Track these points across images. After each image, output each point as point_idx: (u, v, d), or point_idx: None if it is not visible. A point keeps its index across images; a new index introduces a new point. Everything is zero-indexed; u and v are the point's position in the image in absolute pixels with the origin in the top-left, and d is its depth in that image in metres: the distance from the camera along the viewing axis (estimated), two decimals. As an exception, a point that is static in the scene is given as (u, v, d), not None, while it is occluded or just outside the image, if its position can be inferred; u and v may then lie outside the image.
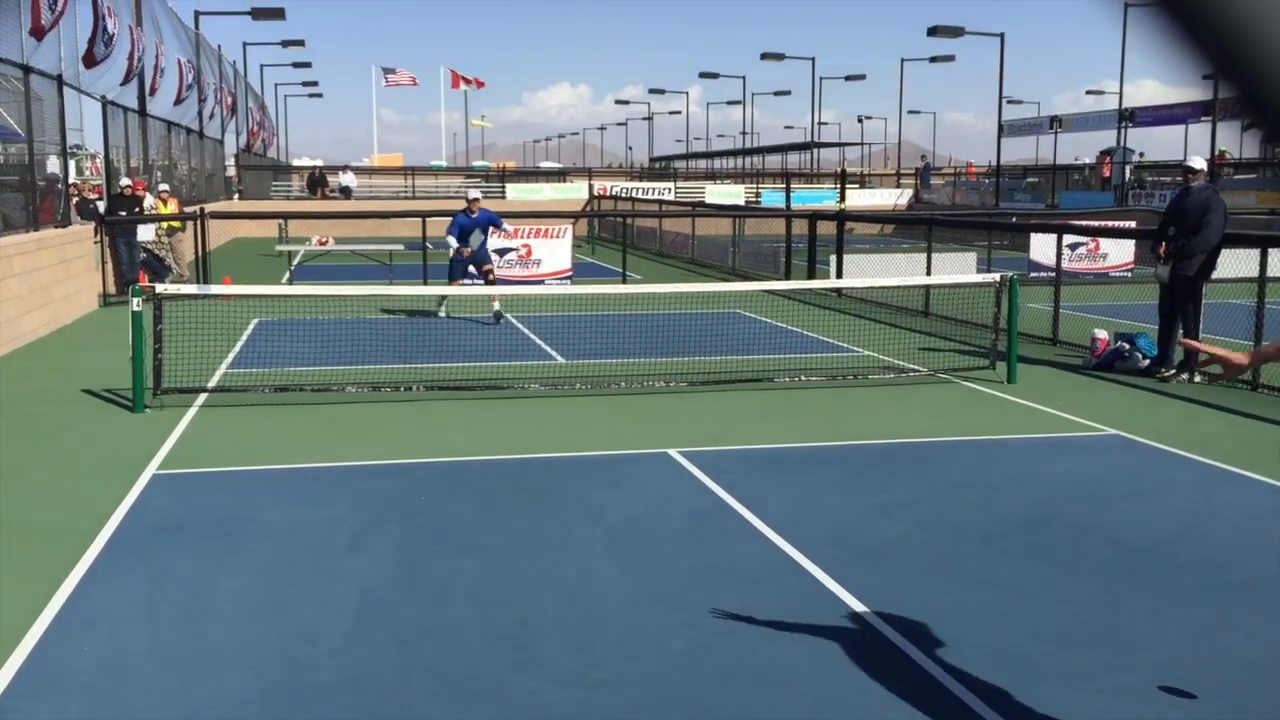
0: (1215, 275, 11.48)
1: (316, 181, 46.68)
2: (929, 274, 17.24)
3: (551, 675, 4.59)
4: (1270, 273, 11.10)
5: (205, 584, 5.61)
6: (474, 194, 15.91)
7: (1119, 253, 22.03)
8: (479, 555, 6.05)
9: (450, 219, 15.77)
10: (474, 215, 15.52)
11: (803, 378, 11.27)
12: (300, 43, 44.73)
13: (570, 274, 20.71)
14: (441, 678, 4.58)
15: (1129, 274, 21.60)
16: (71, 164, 18.06)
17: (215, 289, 12.24)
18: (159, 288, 10.32)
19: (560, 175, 56.69)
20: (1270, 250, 11.30)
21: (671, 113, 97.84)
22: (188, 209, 22.19)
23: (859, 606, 5.33)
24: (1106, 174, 39.19)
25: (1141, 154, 41.02)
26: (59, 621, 5.10)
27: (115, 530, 6.43)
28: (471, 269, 15.61)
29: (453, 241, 15.38)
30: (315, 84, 66.53)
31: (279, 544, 6.23)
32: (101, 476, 7.59)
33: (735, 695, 4.44)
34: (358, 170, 52.95)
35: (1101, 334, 12.43)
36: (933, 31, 38.23)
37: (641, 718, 4.27)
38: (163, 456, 8.14)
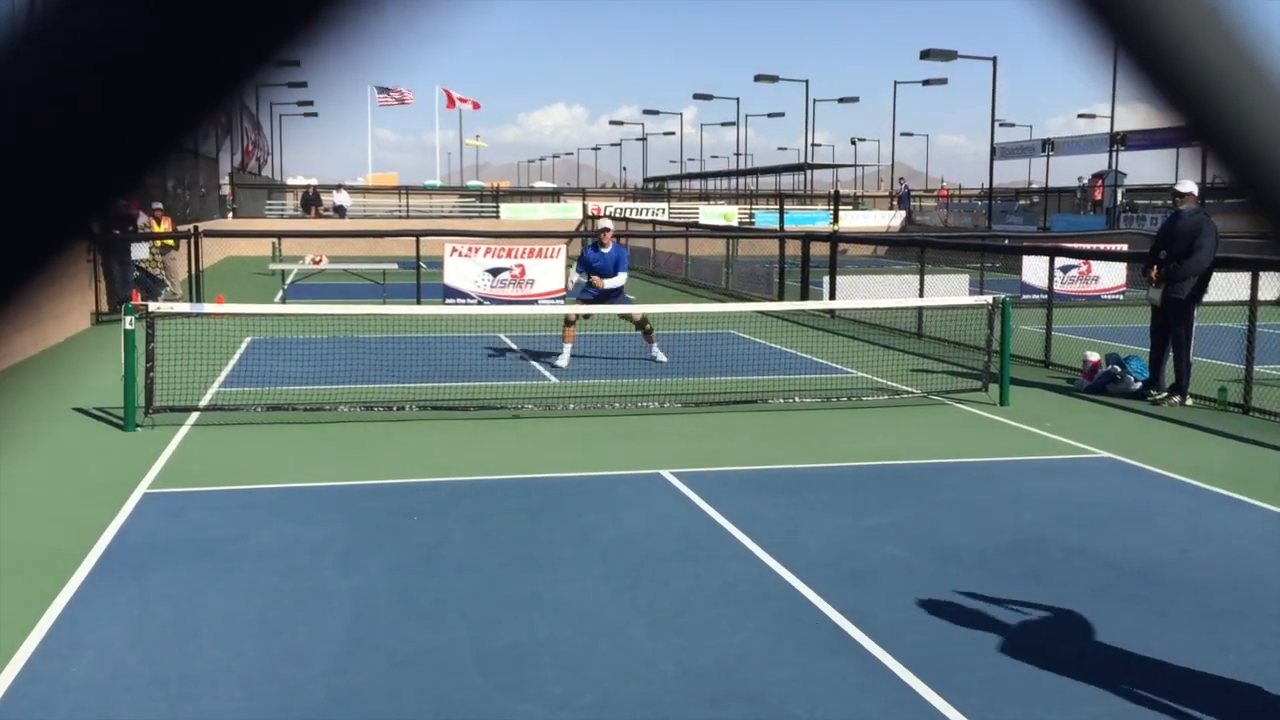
0: (1207, 299, 11.51)
1: (310, 200, 46.71)
2: (922, 296, 17.28)
3: (543, 698, 4.57)
4: (1261, 296, 11.14)
5: (196, 604, 5.59)
6: (605, 223, 13.53)
7: (1111, 275, 22.11)
8: (471, 576, 6.03)
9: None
10: (605, 250, 13.28)
11: (796, 399, 11.28)
12: (295, 62, 44.81)
13: (564, 294, 20.72)
14: (433, 700, 4.56)
15: (1121, 296, 21.67)
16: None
17: (208, 307, 12.24)
18: (151, 306, 10.30)
19: (554, 195, 56.83)
20: (1261, 274, 11.35)
21: (666, 134, 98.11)
22: (181, 228, 22.19)
23: (851, 628, 5.32)
24: (1098, 197, 39.38)
25: (1124, 175, 41.25)
26: (48, 641, 5.07)
27: (105, 550, 6.41)
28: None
29: (574, 275, 13.40)
30: (310, 103, 66.65)
31: (270, 564, 6.21)
32: (92, 495, 7.56)
33: (727, 718, 4.43)
34: (352, 189, 53.02)
35: (1094, 356, 12.46)
36: (925, 55, 38.44)
37: (633, 741, 4.26)
38: (154, 476, 8.11)
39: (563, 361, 13.26)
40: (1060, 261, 18.27)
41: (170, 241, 20.47)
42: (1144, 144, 41.52)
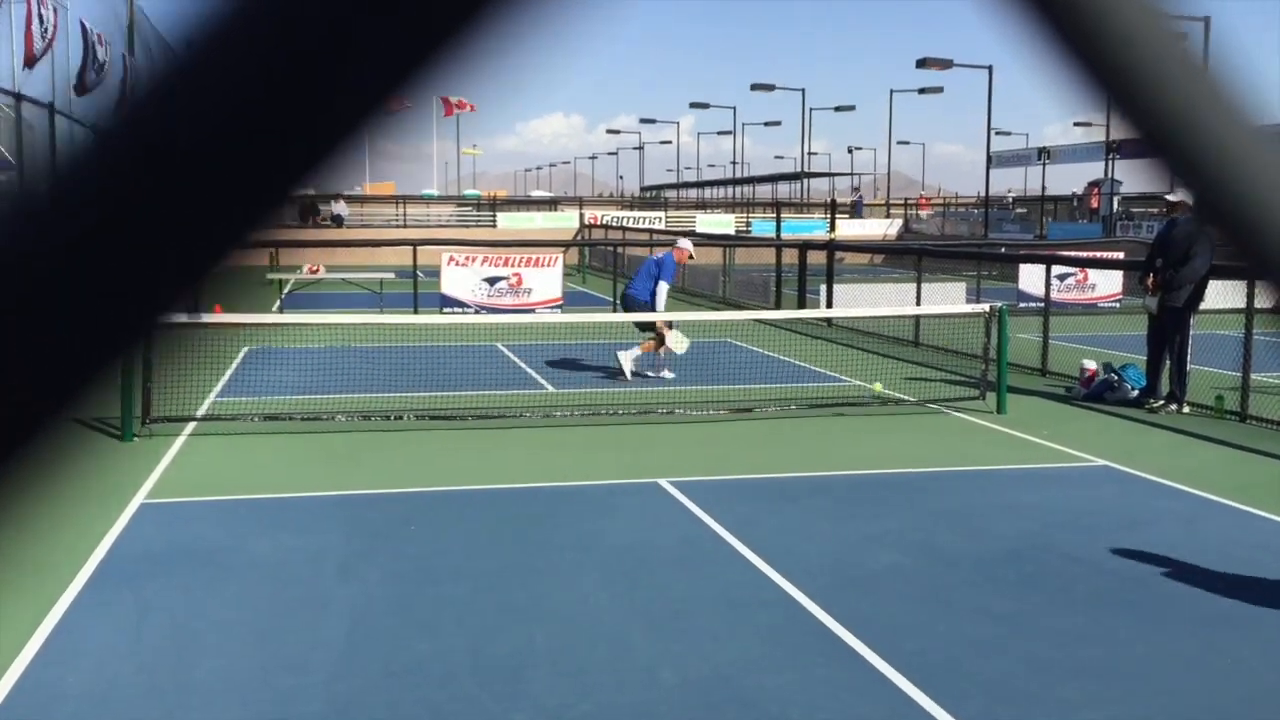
0: (1203, 306, 11.53)
1: (307, 210, 46.71)
2: (919, 304, 17.30)
3: (541, 707, 4.57)
4: (1258, 304, 11.16)
5: (193, 614, 5.58)
6: (686, 243, 14.20)
7: (1107, 283, 22.14)
8: (469, 585, 6.03)
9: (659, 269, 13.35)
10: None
11: (793, 407, 11.28)
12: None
13: (561, 302, 20.74)
14: (430, 708, 4.55)
15: (1117, 304, 21.69)
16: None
17: (205, 317, 12.22)
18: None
19: (551, 204, 56.90)
20: (1258, 281, 11.35)
21: (662, 142, 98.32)
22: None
23: (849, 636, 5.32)
24: (1094, 205, 39.48)
25: (1120, 183, 41.35)
26: (45, 651, 5.06)
27: (102, 559, 6.40)
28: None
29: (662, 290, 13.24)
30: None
31: (267, 574, 6.20)
32: (89, 506, 7.55)
33: (725, 726, 4.43)
34: (349, 199, 53.01)
35: (1090, 364, 12.48)
36: (921, 63, 38.52)
37: (631, 749, 4.25)
38: (151, 485, 8.10)
39: (668, 373, 13.21)
40: (1057, 269, 18.31)
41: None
42: (1138, 152, 41.53)
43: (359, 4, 0.40)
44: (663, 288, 13.13)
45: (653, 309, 13.00)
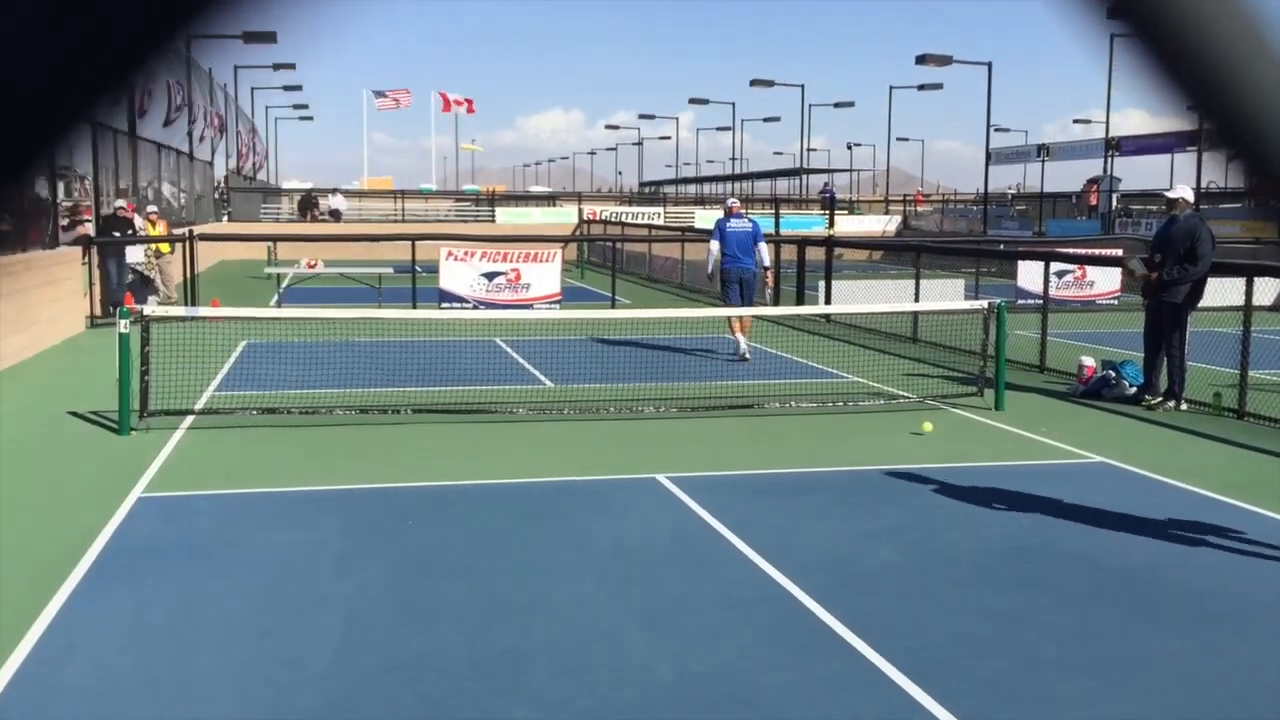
0: (1201, 304, 11.53)
1: (306, 204, 46.67)
2: (917, 300, 17.29)
3: (538, 702, 4.57)
4: (1256, 301, 11.15)
5: (190, 608, 5.58)
6: (731, 201, 14.91)
7: (1106, 280, 22.13)
8: (466, 581, 6.03)
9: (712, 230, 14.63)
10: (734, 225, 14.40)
11: (792, 403, 11.28)
12: (291, 66, 44.73)
13: (559, 298, 20.73)
14: (428, 704, 4.55)
15: (1115, 301, 21.69)
16: (60, 185, 18.02)
17: (203, 311, 12.21)
18: (146, 310, 10.29)
19: (550, 199, 56.84)
20: (1256, 279, 11.37)
21: (661, 138, 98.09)
22: (176, 230, 22.18)
23: (847, 633, 5.32)
24: (1093, 202, 39.47)
25: (1119, 180, 41.29)
26: (42, 645, 5.06)
27: (100, 553, 6.39)
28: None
29: (714, 249, 14.34)
30: (306, 106, 66.61)
31: (265, 568, 6.20)
32: (87, 499, 7.54)
33: (723, 723, 4.42)
34: (347, 193, 52.96)
35: (1089, 361, 12.47)
36: (921, 60, 38.46)
37: (628, 745, 4.25)
38: (149, 479, 8.10)
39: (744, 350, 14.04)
40: (1055, 266, 18.30)
41: (165, 247, 20.46)
42: (1138, 149, 41.58)
43: None
44: (765, 249, 14.83)
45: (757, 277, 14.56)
